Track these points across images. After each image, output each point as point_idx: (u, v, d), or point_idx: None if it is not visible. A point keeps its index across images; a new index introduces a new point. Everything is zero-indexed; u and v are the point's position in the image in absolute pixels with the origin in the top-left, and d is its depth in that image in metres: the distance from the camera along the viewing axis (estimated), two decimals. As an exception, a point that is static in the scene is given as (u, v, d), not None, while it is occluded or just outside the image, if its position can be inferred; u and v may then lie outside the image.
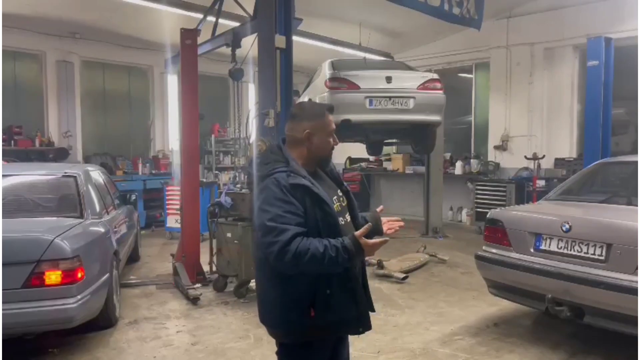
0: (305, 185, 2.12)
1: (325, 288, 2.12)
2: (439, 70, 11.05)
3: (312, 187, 2.13)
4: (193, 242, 6.41)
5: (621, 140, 10.02)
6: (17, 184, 5.05)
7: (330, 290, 2.12)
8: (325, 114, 2.31)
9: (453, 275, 6.82)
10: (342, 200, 2.34)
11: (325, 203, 2.14)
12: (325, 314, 2.12)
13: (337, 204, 2.28)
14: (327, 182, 2.36)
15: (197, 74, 6.53)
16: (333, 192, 2.32)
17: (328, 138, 2.29)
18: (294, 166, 2.18)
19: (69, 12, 8.92)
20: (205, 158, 11.39)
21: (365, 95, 6.73)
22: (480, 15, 8.38)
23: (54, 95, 9.99)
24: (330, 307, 2.13)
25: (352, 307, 2.19)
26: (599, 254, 3.86)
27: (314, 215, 2.11)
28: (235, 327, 4.79)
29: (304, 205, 2.10)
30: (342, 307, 2.16)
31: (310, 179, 2.18)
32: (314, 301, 2.11)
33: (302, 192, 2.11)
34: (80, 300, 3.94)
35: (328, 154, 2.32)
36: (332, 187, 2.35)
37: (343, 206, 2.33)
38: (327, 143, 2.29)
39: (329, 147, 2.31)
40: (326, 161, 2.35)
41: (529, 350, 4.25)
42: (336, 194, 2.32)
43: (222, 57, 8.39)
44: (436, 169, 9.90)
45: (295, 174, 2.14)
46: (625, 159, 5.54)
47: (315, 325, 2.14)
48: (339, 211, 2.27)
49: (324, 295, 2.12)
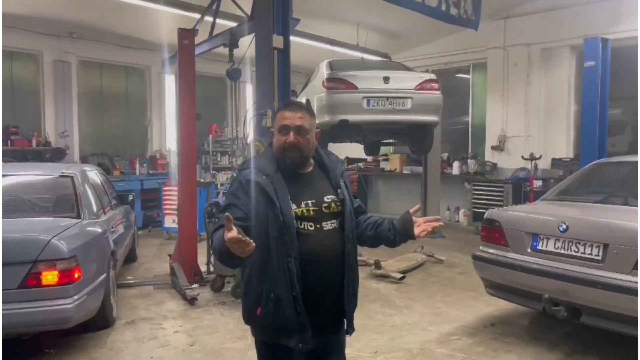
0: (259, 182, 2.13)
1: (270, 291, 2.10)
2: (437, 70, 11.07)
3: (267, 186, 2.12)
4: (190, 242, 6.41)
5: (618, 140, 10.03)
6: (14, 184, 5.03)
7: (274, 294, 2.09)
8: (281, 110, 2.26)
9: (450, 276, 6.83)
10: (328, 206, 2.21)
11: (275, 205, 2.09)
12: (267, 317, 2.12)
13: (308, 208, 2.16)
14: (315, 183, 2.26)
15: (194, 74, 6.52)
16: (314, 194, 2.21)
17: (279, 135, 2.20)
18: (260, 164, 2.20)
19: (67, 11, 8.90)
20: (203, 158, 11.38)
21: (362, 96, 6.73)
22: (477, 15, 8.39)
23: (51, 95, 9.96)
24: (271, 311, 2.10)
25: (292, 316, 2.09)
26: (595, 254, 3.86)
27: (265, 213, 2.11)
28: (232, 328, 4.79)
29: (258, 202, 2.12)
30: (281, 315, 2.09)
31: (275, 177, 2.15)
32: (260, 302, 2.12)
33: (257, 189, 2.13)
34: (77, 300, 3.92)
35: (279, 151, 2.20)
36: (320, 190, 2.24)
37: (325, 212, 2.19)
38: (277, 140, 2.21)
39: (278, 145, 2.20)
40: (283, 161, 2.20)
41: (526, 350, 4.26)
42: (316, 198, 2.20)
43: (220, 57, 8.38)
44: (433, 169, 9.90)
45: (258, 172, 2.16)
46: (622, 159, 5.55)
47: (261, 325, 2.18)
48: (308, 216, 2.16)
49: (267, 297, 2.10)
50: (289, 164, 2.21)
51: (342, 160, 2.46)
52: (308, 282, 2.11)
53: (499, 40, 10.67)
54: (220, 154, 11.90)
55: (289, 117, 2.19)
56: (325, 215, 2.20)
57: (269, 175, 2.15)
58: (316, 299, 2.14)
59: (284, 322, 2.10)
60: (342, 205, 2.24)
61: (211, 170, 11.43)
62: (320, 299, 2.16)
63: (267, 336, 2.21)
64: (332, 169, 2.32)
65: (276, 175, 2.17)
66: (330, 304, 2.20)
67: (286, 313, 2.09)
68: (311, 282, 2.12)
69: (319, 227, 2.17)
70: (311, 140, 2.23)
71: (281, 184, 2.15)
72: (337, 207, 2.23)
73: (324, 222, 2.19)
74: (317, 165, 2.34)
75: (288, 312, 2.09)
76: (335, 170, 2.32)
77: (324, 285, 2.16)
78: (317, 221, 2.18)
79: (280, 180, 2.16)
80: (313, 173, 2.30)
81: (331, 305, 2.20)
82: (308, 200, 2.18)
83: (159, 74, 11.30)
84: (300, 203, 2.17)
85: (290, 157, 2.19)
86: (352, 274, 2.23)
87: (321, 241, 2.09)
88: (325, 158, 2.35)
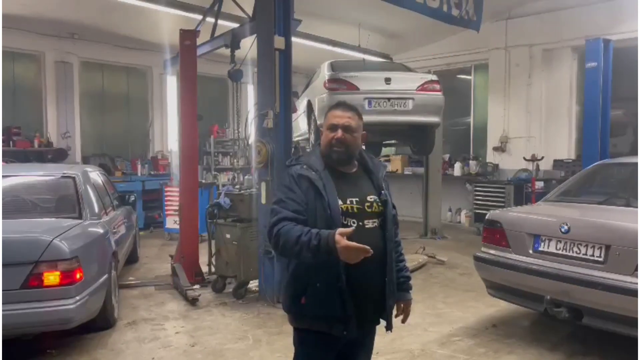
0: (309, 177, 2.24)
1: (316, 281, 2.21)
2: (438, 71, 11.04)
3: (316, 181, 2.23)
4: (192, 243, 6.41)
5: (619, 141, 10.01)
6: (16, 184, 5.04)
7: (320, 284, 2.20)
8: (332, 109, 2.39)
9: (452, 277, 6.82)
10: (370, 205, 2.30)
11: (324, 198, 2.20)
12: (312, 306, 2.23)
13: (352, 205, 2.26)
14: (359, 182, 2.37)
15: (196, 75, 6.53)
16: (358, 193, 2.31)
17: (328, 132, 2.34)
18: (310, 160, 2.32)
19: (68, 12, 8.91)
20: (204, 159, 11.38)
21: (364, 97, 6.72)
22: (479, 16, 8.38)
23: (53, 96, 9.97)
24: (317, 300, 2.21)
25: (338, 307, 2.20)
26: (597, 255, 3.86)
27: (314, 207, 2.22)
28: (233, 328, 4.79)
29: (308, 196, 2.23)
30: (327, 304, 2.20)
31: (323, 173, 2.26)
32: (305, 291, 2.23)
33: (307, 183, 2.24)
34: (79, 301, 3.93)
35: (327, 147, 2.33)
36: (364, 189, 2.35)
37: (368, 211, 2.29)
38: (326, 137, 2.34)
39: (326, 141, 2.33)
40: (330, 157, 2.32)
41: (527, 351, 4.25)
42: (360, 197, 2.30)
43: (221, 58, 8.38)
44: (435, 170, 9.90)
45: (308, 167, 2.28)
46: (624, 160, 5.55)
47: (304, 314, 2.27)
48: (352, 213, 2.25)
49: (313, 287, 2.21)
50: (335, 159, 2.33)
51: (384, 164, 2.63)
52: (351, 277, 2.19)
53: (501, 41, 10.67)
54: (221, 154, 11.90)
55: (339, 116, 2.33)
56: (368, 213, 2.30)
57: (318, 171, 2.27)
58: (358, 293, 2.23)
59: (330, 310, 2.20)
60: (384, 205, 2.35)
61: (212, 171, 11.44)
62: (362, 294, 2.25)
63: (307, 324, 2.30)
64: (375, 171, 2.43)
65: (324, 172, 2.28)
66: (371, 299, 2.30)
67: (332, 302, 2.19)
68: (354, 277, 2.20)
69: (361, 224, 2.27)
70: (357, 139, 2.36)
71: (329, 180, 2.26)
72: (379, 207, 2.34)
73: (366, 220, 2.29)
74: (361, 166, 2.45)
75: (334, 301, 2.19)
76: (378, 173, 2.43)
77: (366, 281, 2.25)
78: (360, 218, 2.27)
79: (327, 176, 2.28)
80: (357, 173, 2.41)
81: (372, 301, 2.30)
82: (352, 198, 2.29)
83: (160, 75, 11.30)
84: (346, 199, 2.27)
85: (337, 152, 2.31)
86: (391, 273, 2.33)
87: (363, 238, 2.13)
88: (369, 161, 2.46)
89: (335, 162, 2.33)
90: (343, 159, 2.34)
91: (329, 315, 2.22)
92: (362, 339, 2.41)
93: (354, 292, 2.21)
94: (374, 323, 2.42)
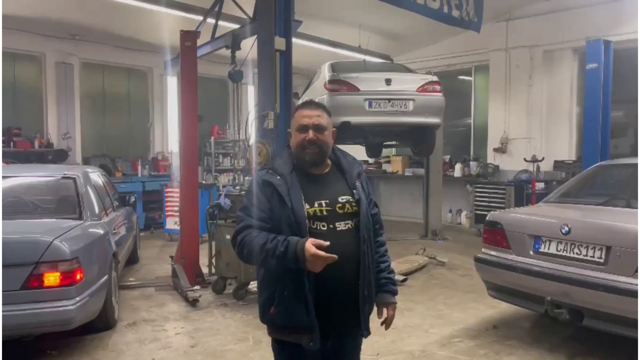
0: (272, 183, 2.17)
1: (283, 289, 2.13)
2: (439, 72, 10.95)
3: (279, 186, 2.16)
4: (192, 244, 6.40)
5: (620, 142, 10.01)
6: (17, 185, 5.04)
7: (287, 292, 2.12)
8: (299, 109, 2.30)
9: (452, 278, 6.82)
10: (342, 206, 2.21)
11: (286, 204, 2.13)
12: (280, 316, 2.16)
13: (321, 208, 2.17)
14: (330, 183, 2.28)
15: (196, 76, 6.52)
16: (329, 195, 2.22)
17: (298, 133, 2.25)
18: (276, 164, 2.26)
19: (69, 13, 8.92)
20: (205, 160, 11.38)
21: (364, 98, 6.74)
22: (479, 17, 8.39)
23: (54, 96, 9.99)
24: (284, 309, 2.13)
25: (303, 316, 2.10)
26: (598, 256, 3.85)
27: (279, 213, 2.15)
28: (234, 329, 4.78)
29: (272, 202, 2.16)
30: (293, 312, 2.12)
31: (289, 177, 2.18)
32: (274, 300, 2.16)
33: (271, 189, 2.18)
34: (79, 302, 3.93)
35: (299, 149, 2.23)
36: (336, 190, 2.25)
37: (340, 212, 2.20)
38: (296, 138, 2.25)
39: (297, 142, 2.24)
40: (303, 159, 2.24)
41: (528, 353, 4.25)
42: (331, 198, 2.21)
43: (222, 59, 8.39)
44: (435, 171, 9.89)
45: (273, 172, 2.21)
46: (624, 161, 5.54)
47: (274, 323, 2.21)
48: (322, 216, 2.17)
49: (281, 295, 2.14)
50: (309, 160, 2.24)
51: (359, 162, 2.48)
52: (321, 283, 2.10)
53: (501, 43, 10.66)
54: (222, 155, 11.90)
55: (307, 115, 2.24)
56: (340, 215, 2.21)
57: (283, 176, 2.19)
58: (330, 300, 2.15)
59: (295, 321, 2.13)
60: (357, 205, 2.24)
61: (213, 172, 11.42)
62: (334, 300, 2.17)
63: (280, 334, 2.23)
64: (349, 169, 2.34)
65: (291, 176, 2.20)
66: (344, 305, 2.19)
67: (297, 312, 2.11)
68: (325, 283, 2.10)
69: (332, 227, 2.18)
70: (329, 137, 2.27)
71: (295, 184, 2.18)
72: (353, 208, 2.24)
73: (338, 222, 2.20)
74: (334, 166, 2.36)
75: (299, 312, 2.11)
76: (352, 172, 2.33)
77: (337, 286, 2.15)
78: (331, 221, 2.18)
79: (294, 180, 2.19)
80: (329, 174, 2.32)
81: (346, 306, 2.19)
82: (322, 201, 2.20)
83: (161, 76, 11.32)
84: (314, 203, 2.18)
85: (310, 154, 2.23)
86: (367, 275, 2.21)
87: (334, 242, 2.06)
88: (342, 159, 2.37)
89: (308, 164, 2.25)
90: (317, 160, 2.25)
91: (295, 326, 2.13)
92: (346, 346, 2.32)
93: (323, 299, 2.12)
94: (351, 330, 2.28)
